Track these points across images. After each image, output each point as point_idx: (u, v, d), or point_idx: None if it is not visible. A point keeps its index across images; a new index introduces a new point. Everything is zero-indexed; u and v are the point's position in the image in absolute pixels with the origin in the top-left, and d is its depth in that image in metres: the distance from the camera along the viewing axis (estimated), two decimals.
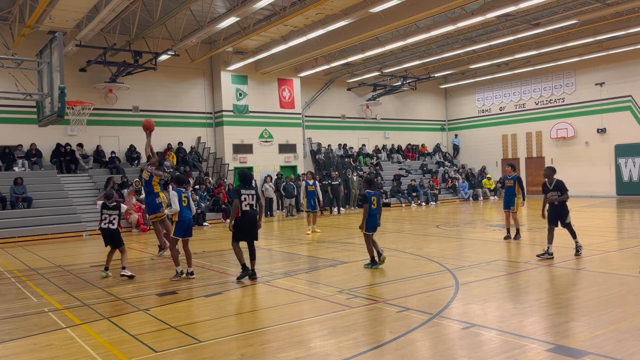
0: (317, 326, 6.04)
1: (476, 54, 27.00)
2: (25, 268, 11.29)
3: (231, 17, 17.14)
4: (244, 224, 8.70)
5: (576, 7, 19.93)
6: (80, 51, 19.80)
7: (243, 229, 8.73)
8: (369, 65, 27.58)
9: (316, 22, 19.19)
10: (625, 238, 13.00)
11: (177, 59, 22.04)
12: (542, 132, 29.55)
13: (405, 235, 14.95)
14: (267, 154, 25.95)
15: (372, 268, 9.42)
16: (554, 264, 9.28)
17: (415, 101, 33.17)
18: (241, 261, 8.77)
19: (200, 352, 5.27)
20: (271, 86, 26.21)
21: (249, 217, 8.73)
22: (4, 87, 17.83)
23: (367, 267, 9.51)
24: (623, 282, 7.69)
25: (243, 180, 8.95)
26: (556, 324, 5.76)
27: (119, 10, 15.98)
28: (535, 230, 14.72)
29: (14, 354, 5.47)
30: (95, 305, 7.41)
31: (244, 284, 8.54)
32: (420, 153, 32.76)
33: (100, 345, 5.55)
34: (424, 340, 5.43)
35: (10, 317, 6.96)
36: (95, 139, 22.15)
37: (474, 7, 18.14)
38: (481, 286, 7.77)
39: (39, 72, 11.55)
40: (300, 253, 12.12)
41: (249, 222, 8.72)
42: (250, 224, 8.74)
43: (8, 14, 18.83)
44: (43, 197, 18.74)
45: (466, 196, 28.50)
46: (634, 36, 23.54)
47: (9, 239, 16.64)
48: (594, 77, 27.25)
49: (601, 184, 26.92)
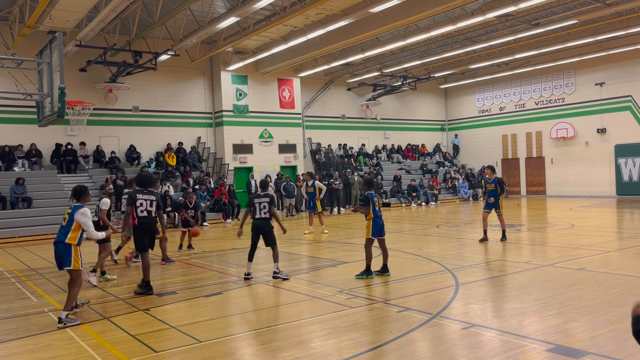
0: (317, 326, 6.04)
1: (476, 54, 27.00)
2: (25, 268, 11.29)
3: (231, 17, 17.14)
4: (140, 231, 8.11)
5: (576, 7, 19.92)
6: (80, 51, 19.80)
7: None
8: (369, 65, 27.58)
9: (316, 22, 19.19)
10: (625, 238, 13.00)
11: (177, 59, 22.03)
12: (542, 132, 29.55)
13: (405, 235, 14.94)
14: (267, 154, 25.95)
15: (366, 278, 8.42)
16: (554, 263, 9.28)
17: (415, 101, 33.17)
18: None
19: (200, 352, 5.27)
20: (271, 86, 26.22)
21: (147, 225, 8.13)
22: (4, 87, 17.83)
23: (359, 278, 8.44)
24: (623, 282, 7.69)
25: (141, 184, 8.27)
26: (556, 324, 5.76)
27: (119, 10, 15.98)
28: (535, 231, 14.73)
29: (14, 354, 5.47)
30: (95, 305, 7.41)
31: (243, 284, 8.53)
32: (420, 153, 32.76)
33: (100, 345, 5.55)
34: (424, 340, 5.43)
35: (10, 317, 6.96)
36: (95, 139, 22.15)
37: (474, 7, 18.14)
38: (481, 286, 7.77)
39: (39, 72, 11.55)
40: (300, 253, 12.12)
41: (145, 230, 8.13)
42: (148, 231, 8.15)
43: (8, 14, 18.83)
44: (43, 197, 18.74)
45: (466, 196, 28.50)
46: (634, 36, 23.54)
47: (9, 239, 16.64)
48: (594, 77, 27.25)
49: (601, 184, 26.91)
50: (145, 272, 7.98)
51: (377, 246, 8.88)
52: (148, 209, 8.07)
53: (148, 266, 8.00)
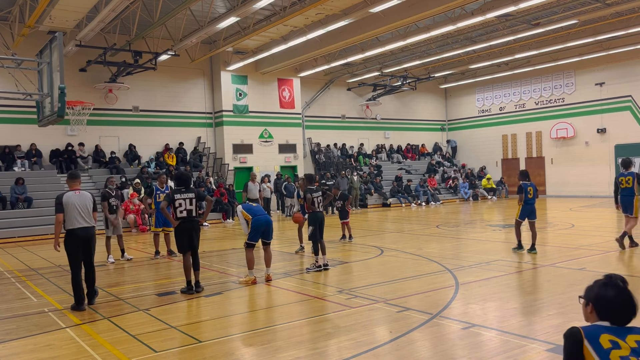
0: (317, 326, 6.03)
1: (476, 54, 27.00)
2: (25, 268, 11.29)
3: (231, 17, 17.14)
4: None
5: (576, 7, 19.92)
6: (80, 51, 19.80)
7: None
8: (369, 65, 27.58)
9: (316, 22, 19.19)
10: (625, 238, 12.95)
11: (177, 59, 22.03)
12: (542, 132, 29.54)
13: (405, 235, 14.95)
14: (267, 154, 25.95)
15: (517, 252, 10.48)
16: (554, 263, 9.29)
17: (415, 101, 33.18)
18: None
19: (200, 352, 5.27)
20: (271, 86, 26.21)
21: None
22: (4, 87, 17.82)
23: (515, 251, 10.57)
24: None
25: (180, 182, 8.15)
26: (556, 324, 5.75)
27: (119, 10, 15.98)
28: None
29: (14, 354, 5.47)
30: (95, 305, 7.41)
31: (244, 284, 8.53)
32: (420, 153, 32.77)
33: (100, 345, 5.55)
34: (424, 340, 5.43)
35: (10, 317, 6.95)
36: (95, 139, 22.15)
37: (474, 7, 18.14)
38: (481, 286, 7.77)
39: (39, 72, 11.54)
40: (300, 253, 12.11)
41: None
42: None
43: (8, 14, 18.82)
44: (43, 197, 18.72)
45: (466, 196, 28.49)
46: (634, 36, 23.54)
47: (9, 239, 16.65)
48: (594, 77, 27.24)
49: (601, 184, 26.87)
50: (186, 273, 7.95)
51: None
52: (188, 207, 7.89)
53: (188, 267, 7.96)
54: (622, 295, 2.48)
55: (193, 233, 7.97)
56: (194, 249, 8.02)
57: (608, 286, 2.51)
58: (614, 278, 2.53)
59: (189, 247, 7.97)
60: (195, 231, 8.01)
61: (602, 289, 2.52)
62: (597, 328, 2.46)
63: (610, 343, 2.37)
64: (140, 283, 9.22)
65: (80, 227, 7.22)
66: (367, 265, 10.09)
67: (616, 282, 2.51)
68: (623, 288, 2.49)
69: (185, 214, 7.90)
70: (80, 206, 7.25)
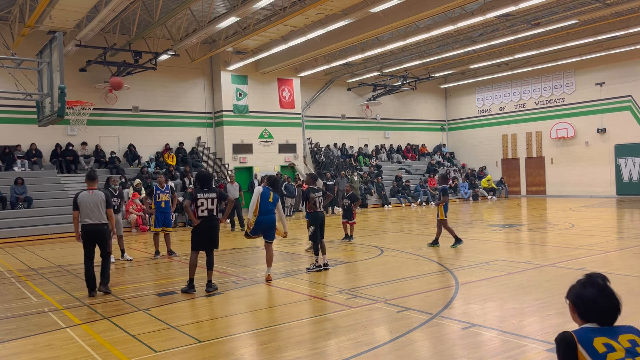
0: (317, 326, 6.04)
1: (476, 54, 27.00)
2: (25, 268, 11.29)
3: (231, 17, 17.14)
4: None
5: (576, 7, 19.92)
6: (80, 51, 19.80)
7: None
8: (369, 65, 27.58)
9: (316, 22, 19.19)
10: (625, 238, 12.99)
11: (177, 59, 22.03)
12: (542, 132, 29.55)
13: (405, 235, 14.95)
14: (267, 154, 25.94)
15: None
16: (554, 263, 9.28)
17: (415, 101, 33.18)
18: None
19: (200, 352, 5.27)
20: (271, 86, 26.21)
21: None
22: (4, 87, 17.83)
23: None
24: (623, 282, 7.68)
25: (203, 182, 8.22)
26: (556, 324, 5.75)
27: (119, 10, 15.98)
28: (535, 230, 14.73)
29: (14, 354, 5.47)
30: (95, 305, 7.41)
31: (243, 284, 8.53)
32: (420, 153, 32.77)
33: (100, 345, 5.55)
34: (424, 340, 5.43)
35: (10, 317, 6.95)
36: (95, 138, 22.15)
37: (474, 7, 18.14)
38: (481, 286, 7.77)
39: (39, 72, 11.54)
40: (300, 253, 12.11)
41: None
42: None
43: (8, 14, 18.82)
44: (43, 197, 18.73)
45: (466, 196, 28.49)
46: (634, 36, 23.54)
47: (9, 239, 16.64)
48: (594, 77, 27.25)
49: (601, 184, 26.91)
50: (190, 270, 8.05)
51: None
52: (209, 207, 8.05)
53: (194, 265, 8.07)
54: (603, 294, 2.43)
55: (214, 232, 8.16)
56: (214, 247, 8.23)
57: (588, 285, 2.47)
58: (594, 277, 2.49)
59: (205, 246, 8.16)
60: (215, 230, 8.19)
61: (581, 289, 2.48)
62: (588, 331, 2.40)
63: (605, 346, 2.33)
64: (140, 283, 9.23)
65: (90, 223, 7.91)
66: (367, 265, 10.09)
67: (596, 281, 2.46)
68: (604, 286, 2.45)
69: (206, 213, 8.07)
70: (91, 204, 7.92)
